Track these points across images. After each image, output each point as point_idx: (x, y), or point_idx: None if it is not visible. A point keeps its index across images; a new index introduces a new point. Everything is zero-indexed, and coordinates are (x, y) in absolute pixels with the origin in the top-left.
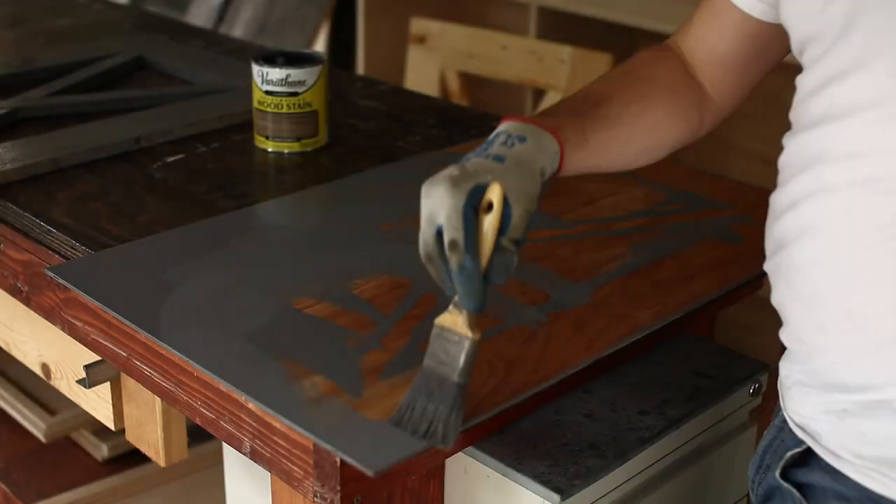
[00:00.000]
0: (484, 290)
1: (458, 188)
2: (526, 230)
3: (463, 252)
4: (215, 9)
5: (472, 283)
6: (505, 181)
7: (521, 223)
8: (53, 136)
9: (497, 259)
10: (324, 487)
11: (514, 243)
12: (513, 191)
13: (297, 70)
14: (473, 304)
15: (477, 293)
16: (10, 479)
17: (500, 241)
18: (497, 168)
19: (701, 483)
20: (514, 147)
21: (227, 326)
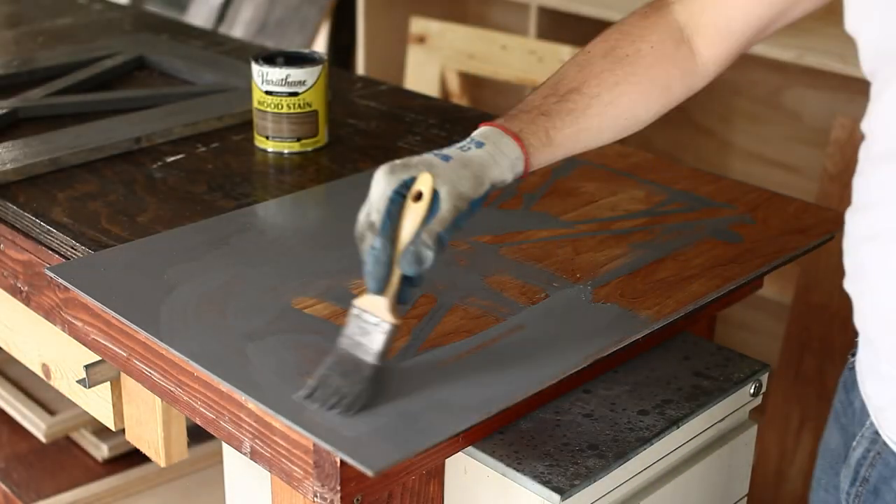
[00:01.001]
0: (386, 276)
1: (392, 175)
2: (451, 229)
3: (377, 234)
4: (215, 9)
5: (377, 265)
6: (441, 177)
7: (446, 217)
8: (53, 136)
9: (411, 249)
10: (324, 487)
11: (435, 240)
12: (446, 187)
13: (297, 70)
14: (372, 286)
15: (378, 276)
16: (10, 479)
17: (420, 233)
18: (439, 165)
19: (701, 483)
20: (468, 151)
21: (227, 326)
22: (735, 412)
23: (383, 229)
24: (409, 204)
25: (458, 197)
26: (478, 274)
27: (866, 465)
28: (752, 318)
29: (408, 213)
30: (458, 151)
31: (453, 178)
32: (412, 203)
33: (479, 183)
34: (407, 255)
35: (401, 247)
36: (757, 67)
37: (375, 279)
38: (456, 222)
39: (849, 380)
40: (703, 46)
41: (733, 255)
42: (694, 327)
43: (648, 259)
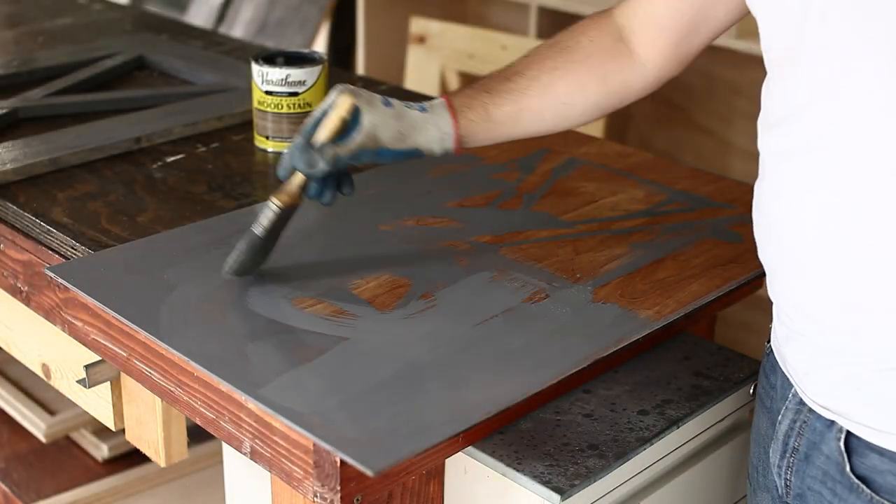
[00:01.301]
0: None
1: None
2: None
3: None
4: (215, 9)
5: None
6: (371, 114)
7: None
8: (53, 136)
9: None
10: (324, 487)
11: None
12: (368, 120)
13: (297, 70)
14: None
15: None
16: (10, 479)
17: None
18: (376, 104)
19: (701, 483)
20: (410, 109)
21: (227, 326)
22: (735, 412)
23: (308, 130)
24: (331, 117)
25: (371, 137)
26: (478, 273)
27: (794, 436)
28: (752, 318)
29: (327, 122)
30: (402, 105)
31: (379, 120)
32: (337, 116)
33: (400, 138)
34: (303, 155)
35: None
36: (757, 67)
37: (281, 166)
38: (358, 155)
39: (766, 364)
40: (640, 46)
41: (733, 255)
42: (694, 327)
43: (648, 259)
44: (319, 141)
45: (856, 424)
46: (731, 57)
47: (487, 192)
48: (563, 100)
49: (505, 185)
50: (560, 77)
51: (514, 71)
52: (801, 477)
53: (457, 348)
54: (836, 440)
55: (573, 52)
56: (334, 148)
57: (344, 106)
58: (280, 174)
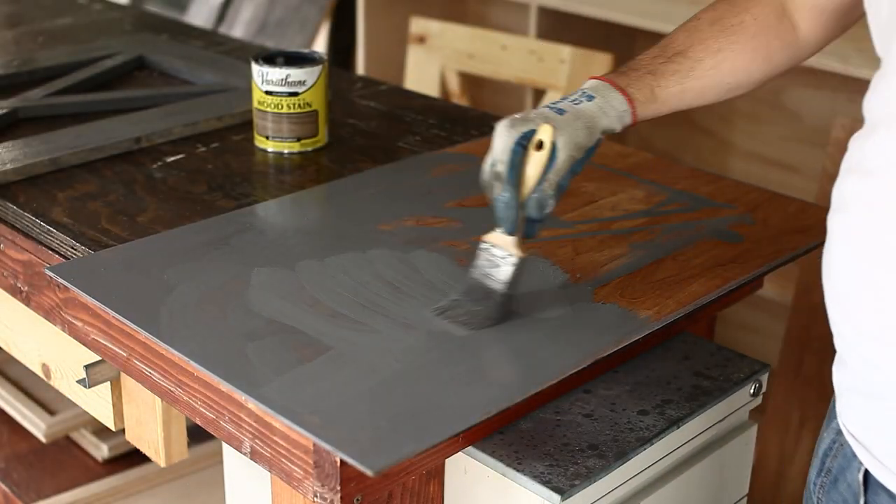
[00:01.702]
0: (516, 219)
1: (513, 129)
2: (569, 176)
3: (504, 182)
4: (215, 9)
5: (507, 209)
6: (558, 129)
7: (564, 165)
8: (53, 136)
9: (534, 196)
10: (324, 487)
11: (556, 187)
12: (563, 137)
13: (297, 70)
14: (506, 228)
15: (510, 219)
16: (10, 479)
17: (543, 180)
18: (555, 118)
19: (701, 483)
20: (579, 104)
21: (227, 326)
22: (735, 412)
23: (510, 178)
24: (532, 153)
25: (574, 147)
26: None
27: (831, 457)
28: (752, 318)
29: (530, 161)
30: (571, 105)
31: (569, 129)
32: (534, 152)
33: (590, 133)
34: (532, 202)
35: (525, 192)
36: None
37: (507, 222)
38: (573, 169)
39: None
40: (803, 21)
41: (733, 255)
42: (694, 327)
43: (648, 259)
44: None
45: (872, 459)
46: None
47: None
48: (726, 80)
49: None
50: (725, 59)
51: (676, 50)
52: (828, 499)
53: (457, 348)
54: (858, 470)
55: (737, 32)
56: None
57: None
58: (508, 229)
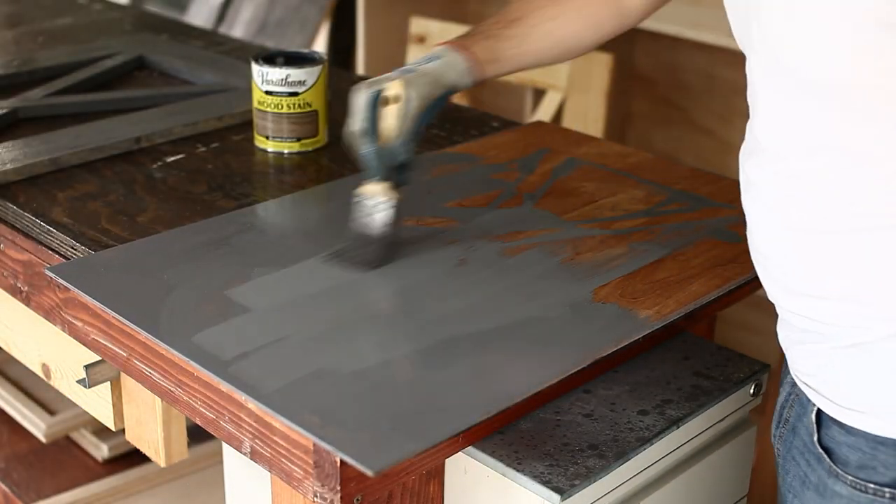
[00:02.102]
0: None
1: (368, 89)
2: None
3: (367, 135)
4: (215, 9)
5: (372, 159)
6: (408, 83)
7: (416, 114)
8: (53, 136)
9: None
10: (324, 487)
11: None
12: (413, 90)
13: (297, 70)
14: (375, 175)
15: (376, 167)
16: (10, 479)
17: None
18: (404, 77)
19: (701, 483)
20: (426, 65)
21: (227, 326)
22: (735, 412)
23: (371, 131)
24: (386, 107)
25: (422, 97)
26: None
27: (787, 408)
28: (752, 318)
29: (386, 115)
30: (416, 66)
31: (417, 83)
32: (388, 106)
33: (436, 86)
34: (395, 148)
35: (384, 142)
36: None
37: (375, 170)
38: (424, 117)
39: None
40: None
41: (733, 255)
42: (694, 327)
43: (648, 259)
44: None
45: (821, 398)
46: (731, 57)
47: (487, 192)
48: (559, 46)
49: (505, 185)
50: (558, 27)
51: (513, 18)
52: (788, 447)
53: (456, 348)
54: (812, 412)
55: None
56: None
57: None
58: (375, 176)
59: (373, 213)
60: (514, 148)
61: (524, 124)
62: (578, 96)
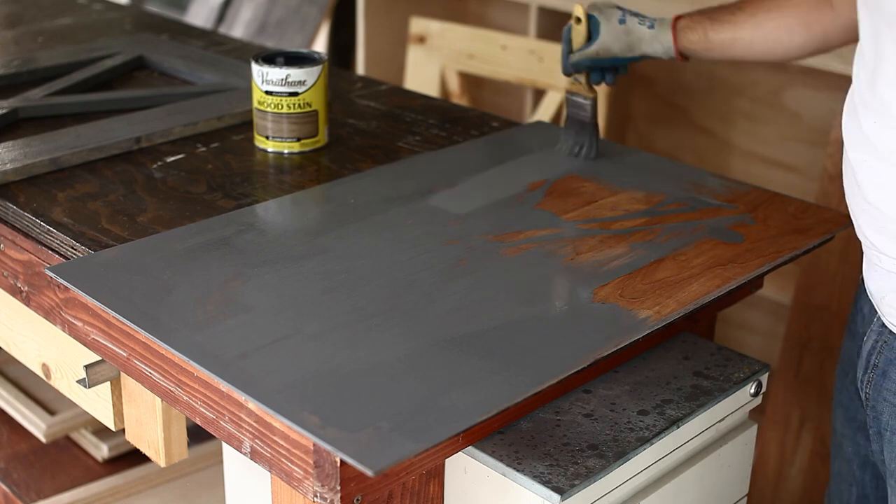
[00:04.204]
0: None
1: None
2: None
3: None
4: (215, 9)
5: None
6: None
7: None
8: (53, 136)
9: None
10: (324, 487)
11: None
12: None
13: (297, 70)
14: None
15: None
16: (10, 479)
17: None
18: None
19: (701, 483)
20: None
21: (227, 326)
22: (735, 412)
23: (565, 42)
24: (574, 27)
25: (605, 48)
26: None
27: (875, 354)
28: (752, 318)
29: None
30: (635, 21)
31: (611, 35)
32: (575, 26)
33: (629, 48)
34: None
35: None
36: (757, 67)
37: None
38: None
39: (857, 293)
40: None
41: (733, 255)
42: (694, 327)
43: (648, 259)
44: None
45: None
46: None
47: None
48: (771, 38)
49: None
50: (771, 19)
51: (736, 6)
52: (879, 390)
53: (457, 348)
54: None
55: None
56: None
57: (580, 13)
58: (563, 70)
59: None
60: None
61: (524, 124)
62: None
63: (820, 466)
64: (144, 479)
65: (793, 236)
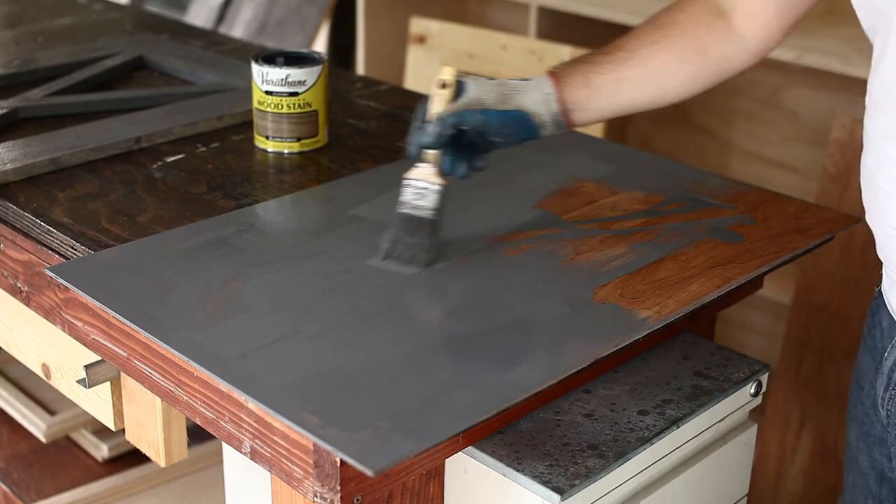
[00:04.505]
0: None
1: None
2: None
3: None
4: (215, 9)
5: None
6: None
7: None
8: (53, 136)
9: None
10: (324, 487)
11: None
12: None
13: (297, 70)
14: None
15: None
16: (10, 479)
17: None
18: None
19: (701, 483)
20: (511, 81)
21: (227, 326)
22: (735, 412)
23: (419, 114)
24: (437, 91)
25: (476, 100)
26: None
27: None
28: (752, 318)
29: (434, 99)
30: (505, 80)
31: (483, 87)
32: (437, 90)
33: (503, 100)
34: (426, 128)
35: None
36: (757, 67)
37: (409, 149)
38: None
39: (874, 307)
40: (740, 19)
41: (733, 255)
42: (694, 327)
43: (648, 259)
44: (435, 108)
45: None
46: None
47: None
48: (662, 71)
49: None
50: (658, 50)
51: (614, 46)
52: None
53: (457, 348)
54: None
55: (671, 27)
56: (442, 113)
57: (449, 76)
58: (411, 154)
59: (425, 196)
60: None
61: None
62: None
63: (820, 466)
64: (144, 479)
65: (793, 236)
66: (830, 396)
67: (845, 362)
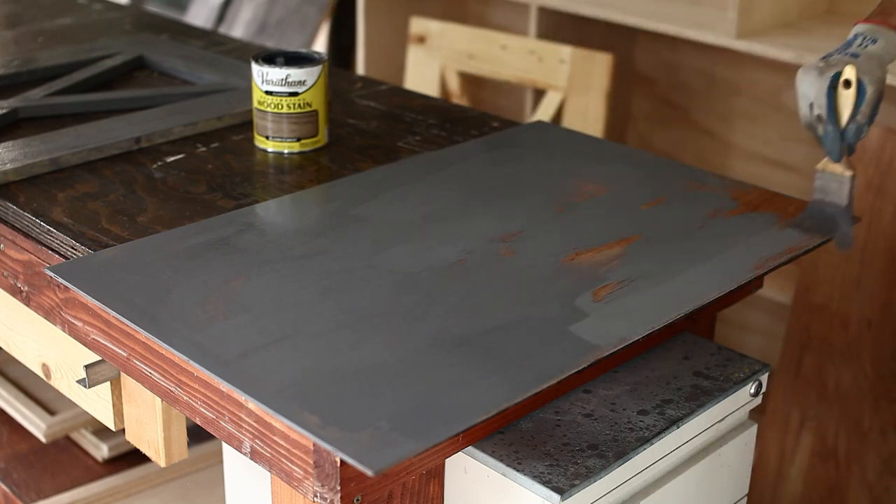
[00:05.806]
0: (841, 148)
1: (822, 75)
2: (876, 108)
3: (826, 121)
4: (215, 9)
5: (833, 142)
6: (860, 68)
7: (872, 98)
8: (53, 136)
9: (852, 126)
10: (324, 487)
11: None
12: (867, 75)
13: (297, 70)
14: (835, 157)
15: (836, 150)
16: (10, 479)
17: (857, 113)
18: (853, 60)
19: (701, 483)
20: (867, 48)
21: (227, 326)
22: (735, 412)
23: (830, 117)
24: (841, 91)
25: (877, 82)
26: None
27: None
28: (752, 318)
29: (841, 99)
30: (860, 49)
31: (869, 67)
32: (843, 91)
33: (883, 68)
34: (851, 132)
35: (842, 124)
36: (757, 67)
37: (835, 153)
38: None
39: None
40: None
41: (733, 255)
42: (694, 327)
43: (648, 259)
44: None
45: None
46: (731, 57)
47: None
48: None
49: None
50: None
51: None
52: None
53: (457, 348)
54: None
55: None
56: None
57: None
58: (836, 158)
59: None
60: None
61: (524, 124)
62: (578, 96)
63: (820, 466)
64: (144, 479)
65: (793, 236)
66: (830, 396)
67: (845, 362)
